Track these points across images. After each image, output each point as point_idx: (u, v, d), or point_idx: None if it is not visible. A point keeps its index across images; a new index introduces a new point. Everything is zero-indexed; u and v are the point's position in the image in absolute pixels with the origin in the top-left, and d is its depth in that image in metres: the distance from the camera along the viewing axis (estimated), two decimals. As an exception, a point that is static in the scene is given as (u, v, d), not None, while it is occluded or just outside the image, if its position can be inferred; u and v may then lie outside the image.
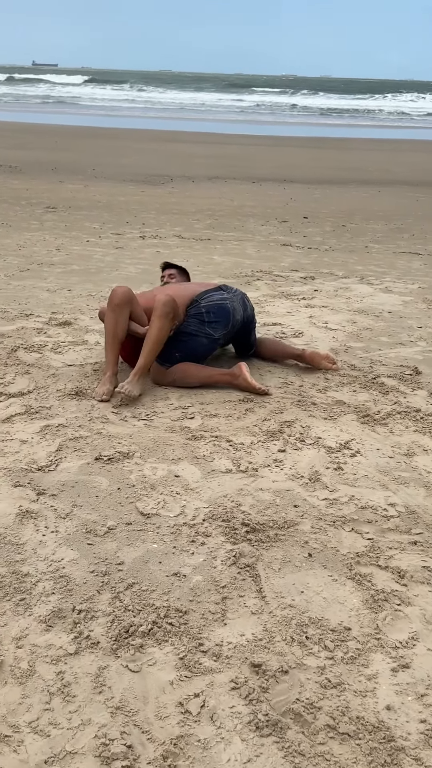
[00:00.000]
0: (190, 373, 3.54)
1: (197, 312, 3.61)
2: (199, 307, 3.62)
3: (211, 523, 2.35)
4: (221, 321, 3.59)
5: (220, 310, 3.60)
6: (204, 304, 3.61)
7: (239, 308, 3.69)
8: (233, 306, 3.65)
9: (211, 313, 3.58)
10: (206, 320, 3.58)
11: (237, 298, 3.72)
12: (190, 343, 3.56)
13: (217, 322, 3.59)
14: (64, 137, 19.48)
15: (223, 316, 3.59)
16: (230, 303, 3.64)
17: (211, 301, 3.63)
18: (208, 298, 3.65)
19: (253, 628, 1.88)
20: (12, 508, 2.39)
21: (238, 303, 3.70)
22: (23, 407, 3.22)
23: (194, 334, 3.57)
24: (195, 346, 3.58)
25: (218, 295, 3.68)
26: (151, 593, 1.99)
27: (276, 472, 2.71)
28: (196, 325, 3.59)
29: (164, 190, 11.40)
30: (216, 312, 3.59)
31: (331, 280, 5.99)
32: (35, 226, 7.94)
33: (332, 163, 16.21)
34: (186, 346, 3.55)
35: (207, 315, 3.58)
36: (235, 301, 3.68)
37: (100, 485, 2.58)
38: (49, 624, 1.87)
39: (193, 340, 3.57)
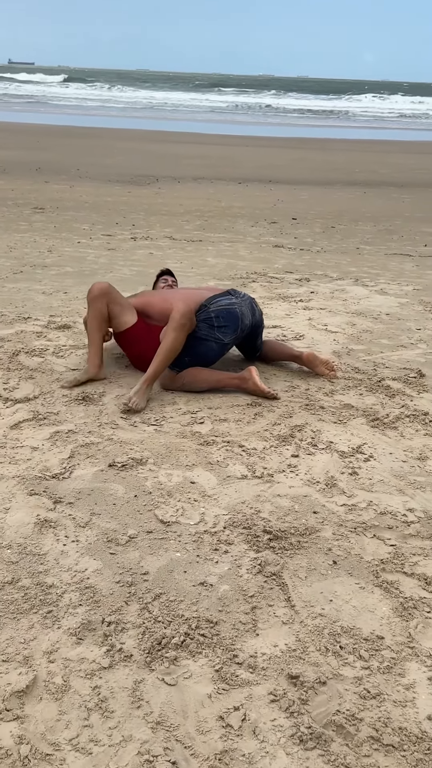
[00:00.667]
0: (199, 378, 3.55)
1: (207, 317, 3.60)
2: (208, 312, 3.61)
3: (233, 530, 2.33)
4: (230, 326, 3.59)
5: (229, 314, 3.59)
6: (213, 309, 3.60)
7: (247, 313, 3.69)
8: (241, 311, 3.65)
9: (220, 317, 3.58)
10: (216, 325, 3.58)
11: (245, 303, 3.72)
12: (200, 348, 3.56)
13: (226, 327, 3.58)
14: (45, 137, 19.31)
15: (232, 320, 3.59)
16: (239, 308, 3.64)
17: (220, 306, 3.62)
18: (217, 303, 3.65)
19: (285, 638, 1.87)
20: (30, 518, 2.35)
21: (246, 308, 3.70)
22: (30, 413, 3.17)
23: (204, 338, 3.56)
24: (205, 351, 3.58)
25: (227, 300, 3.67)
26: (179, 604, 1.97)
27: (292, 478, 2.70)
28: (206, 330, 3.58)
29: (151, 191, 11.35)
30: (225, 317, 3.58)
31: (326, 281, 6.00)
32: (24, 227, 7.85)
33: (317, 163, 16.26)
34: (196, 351, 3.55)
35: (216, 320, 3.58)
36: (243, 306, 3.68)
37: (116, 492, 2.55)
38: (79, 637, 1.84)
39: (203, 345, 3.56)
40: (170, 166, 14.56)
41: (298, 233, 8.40)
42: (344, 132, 27.54)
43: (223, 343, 3.60)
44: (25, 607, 1.94)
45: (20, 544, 2.21)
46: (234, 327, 3.60)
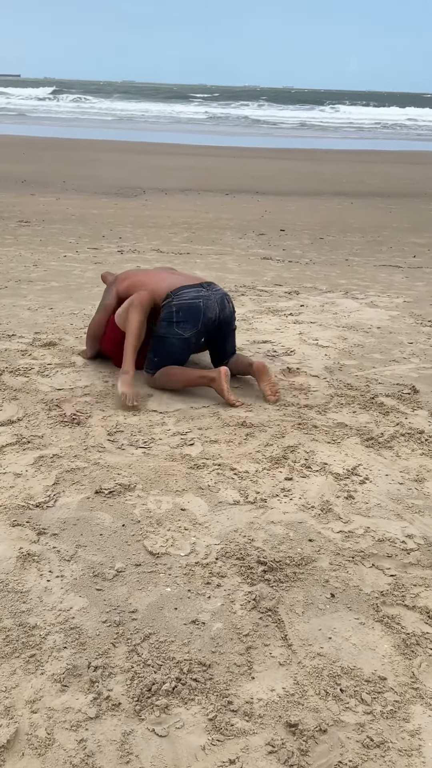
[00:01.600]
0: (172, 378, 3.63)
1: (168, 312, 3.63)
2: (170, 306, 3.63)
3: (225, 561, 2.23)
4: (189, 321, 3.60)
5: (190, 309, 3.60)
6: (175, 303, 3.61)
7: (214, 307, 3.65)
8: (206, 304, 3.62)
9: (180, 312, 3.60)
10: (175, 320, 3.61)
11: (215, 297, 3.68)
12: (163, 346, 3.64)
13: (185, 322, 3.60)
14: (31, 149, 19.21)
15: (191, 315, 3.60)
16: (203, 301, 3.62)
17: (183, 299, 3.62)
18: (182, 295, 3.64)
19: (283, 681, 1.77)
20: (12, 551, 2.24)
21: (214, 302, 3.66)
22: (14, 436, 3.06)
23: (165, 336, 3.64)
24: (169, 349, 3.64)
25: (193, 292, 3.65)
26: (170, 645, 1.86)
27: (285, 503, 2.61)
28: (166, 328, 3.64)
29: (138, 203, 11.28)
30: (185, 311, 3.60)
31: (315, 294, 5.93)
32: (9, 240, 7.74)
33: (303, 174, 16.26)
34: (161, 349, 3.64)
35: (176, 314, 3.61)
36: (210, 299, 3.64)
37: (103, 522, 2.44)
38: (64, 684, 1.73)
39: (164, 342, 3.64)
40: (157, 177, 14.50)
41: (287, 245, 8.35)
42: (331, 142, 27.67)
43: (183, 338, 3.61)
44: (6, 651, 1.82)
45: (1, 581, 2.09)
46: (194, 322, 3.59)
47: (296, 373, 3.99)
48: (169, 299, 3.64)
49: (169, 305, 3.63)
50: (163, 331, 3.64)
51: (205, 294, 3.64)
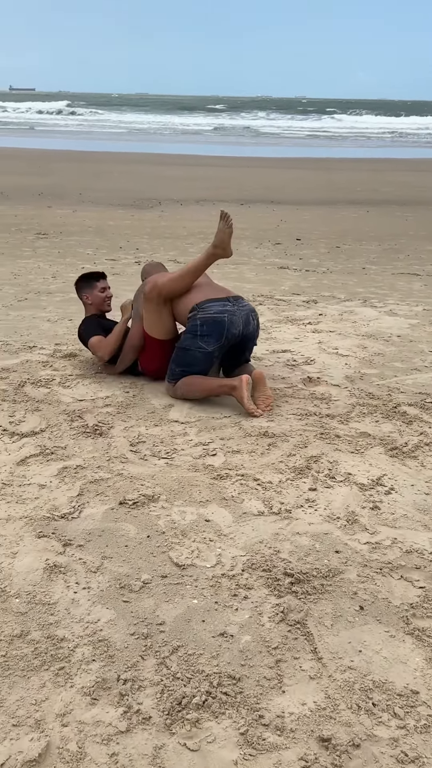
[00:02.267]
0: (193, 387, 3.64)
1: (193, 324, 3.65)
2: (195, 319, 3.65)
3: (251, 573, 2.21)
4: (213, 335, 3.60)
5: (214, 324, 3.60)
6: (200, 316, 3.63)
7: (238, 323, 3.64)
8: (231, 320, 3.61)
9: (204, 326, 3.61)
10: (199, 333, 3.62)
11: (241, 313, 3.67)
12: (186, 358, 3.65)
13: (209, 336, 3.60)
14: (47, 162, 19.42)
15: (215, 330, 3.59)
16: (228, 316, 3.61)
17: (208, 313, 3.62)
18: (207, 308, 3.64)
19: (314, 695, 1.75)
20: (39, 563, 2.24)
21: (240, 317, 3.66)
22: (38, 447, 3.08)
23: (188, 348, 3.65)
24: (191, 361, 3.65)
25: (218, 306, 3.65)
26: (198, 657, 1.85)
27: (310, 514, 2.59)
28: (190, 340, 3.65)
29: (154, 214, 11.35)
30: (210, 325, 3.60)
31: (334, 303, 5.92)
32: (28, 253, 7.81)
33: (318, 183, 16.29)
34: (183, 361, 3.66)
35: (200, 328, 3.62)
36: (235, 315, 3.64)
37: (128, 533, 2.44)
38: (94, 697, 1.72)
39: (188, 355, 3.65)
40: (172, 188, 14.59)
41: (303, 254, 8.35)
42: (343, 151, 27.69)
43: (206, 351, 3.62)
44: (35, 664, 1.82)
45: (29, 593, 2.10)
46: (218, 336, 3.59)
47: (317, 383, 3.97)
48: (195, 312, 3.65)
49: (194, 318, 3.64)
50: (187, 343, 3.65)
51: (230, 309, 3.62)
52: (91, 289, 4.12)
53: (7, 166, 17.75)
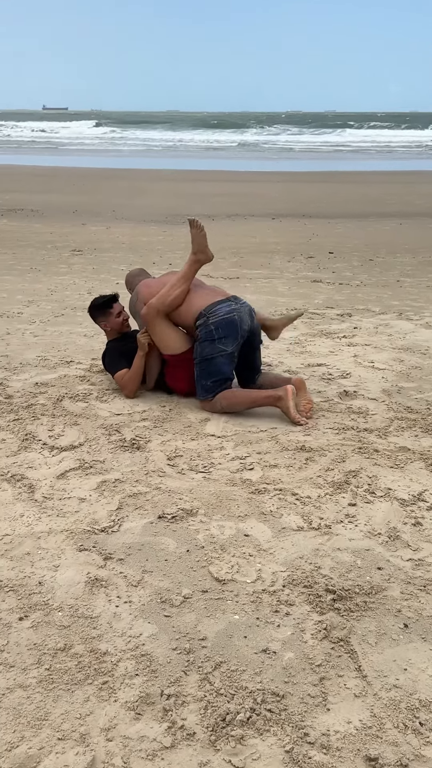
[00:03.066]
0: (235, 401, 3.67)
1: (207, 331, 3.68)
2: (207, 325, 3.68)
3: (292, 589, 2.20)
4: (230, 335, 3.67)
5: (229, 324, 3.66)
6: (212, 321, 3.67)
7: (246, 318, 3.74)
8: (240, 317, 3.70)
9: (219, 329, 3.66)
10: (216, 337, 3.67)
11: (244, 309, 3.76)
12: (211, 367, 3.68)
13: (227, 337, 3.67)
14: (81, 180, 19.75)
15: (231, 329, 3.66)
16: (237, 314, 3.69)
17: (219, 315, 3.68)
18: (216, 312, 3.69)
19: (359, 713, 1.72)
20: (80, 576, 2.26)
21: (246, 314, 3.75)
22: (77, 461, 3.11)
23: (211, 356, 3.68)
24: (217, 368, 3.68)
25: (225, 307, 3.71)
26: (241, 674, 1.84)
27: (351, 529, 2.56)
28: (209, 347, 3.68)
29: (185, 229, 11.38)
30: (225, 327, 3.66)
31: (369, 316, 5.88)
32: (64, 269, 7.94)
33: (349, 196, 16.26)
34: (210, 371, 3.67)
35: (216, 332, 3.66)
36: (241, 312, 3.72)
37: (167, 547, 2.44)
38: (138, 712, 1.72)
39: (212, 363, 3.68)
40: (203, 204, 14.70)
41: (336, 267, 8.33)
42: (374, 164, 27.61)
43: (228, 353, 3.68)
44: (79, 677, 1.83)
45: (71, 606, 2.11)
46: (234, 335, 3.67)
47: (353, 396, 3.95)
48: (204, 318, 3.68)
49: (206, 324, 3.67)
50: (207, 351, 3.68)
51: (235, 307, 3.71)
52: (107, 317, 4.12)
53: (42, 184, 18.11)
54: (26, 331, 5.27)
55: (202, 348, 3.70)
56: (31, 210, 13.26)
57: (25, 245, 9.50)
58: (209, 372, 3.70)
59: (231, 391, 3.69)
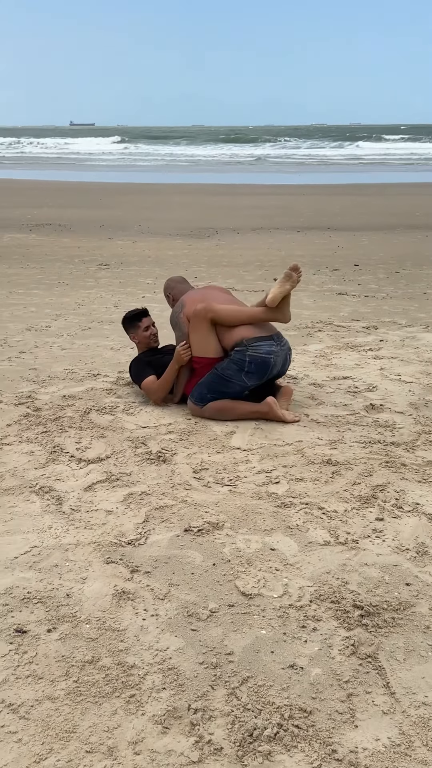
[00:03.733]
0: (225, 412, 3.75)
1: (240, 359, 3.70)
2: (243, 355, 3.71)
3: (319, 605, 2.19)
4: (258, 374, 3.72)
5: (263, 364, 3.71)
6: (250, 354, 3.69)
7: (279, 363, 3.81)
8: (275, 361, 3.75)
9: (252, 364, 3.69)
10: (246, 370, 3.71)
11: (282, 353, 3.81)
12: (222, 387, 3.74)
13: (254, 374, 3.72)
14: (106, 194, 20.01)
15: (262, 370, 3.72)
16: (274, 358, 3.74)
17: (258, 352, 3.70)
18: (258, 347, 3.71)
19: (387, 731, 1.70)
20: (108, 588, 2.27)
21: (281, 358, 3.81)
22: (104, 474, 3.14)
23: (229, 379, 3.73)
24: (226, 390, 3.75)
25: (267, 346, 3.73)
26: (268, 689, 1.83)
27: (378, 544, 2.54)
28: (234, 372, 3.72)
29: (211, 243, 11.51)
30: (258, 365, 3.70)
31: (395, 329, 5.85)
32: (91, 283, 8.04)
33: (375, 208, 16.23)
34: (218, 388, 3.74)
35: (248, 365, 3.70)
36: (279, 356, 3.77)
37: (194, 561, 2.45)
38: (165, 725, 1.72)
39: (226, 384, 3.73)
40: (228, 217, 14.79)
41: (362, 280, 8.30)
42: (400, 176, 27.53)
43: (246, 386, 3.75)
44: (107, 690, 1.84)
45: (99, 618, 2.13)
46: (261, 375, 3.73)
47: (380, 410, 3.93)
48: (244, 347, 3.70)
49: (243, 353, 3.70)
50: (230, 373, 3.72)
51: (275, 350, 3.74)
52: (136, 330, 4.27)
53: (69, 199, 18.37)
54: (54, 345, 5.34)
55: (227, 366, 3.74)
56: (59, 225, 13.46)
57: (53, 259, 9.64)
58: (217, 389, 3.76)
59: (221, 402, 3.76)
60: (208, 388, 3.76)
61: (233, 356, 3.73)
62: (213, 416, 3.78)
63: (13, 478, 3.10)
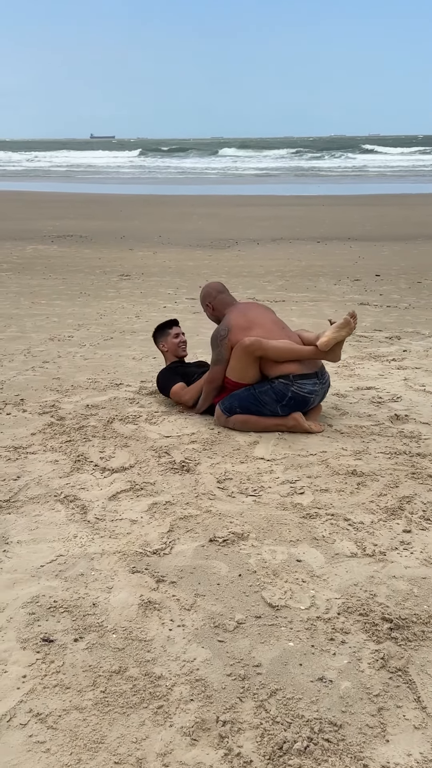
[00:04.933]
0: (249, 425, 3.74)
1: (281, 391, 3.68)
2: (287, 389, 3.68)
3: (348, 617, 2.16)
4: (294, 408, 3.71)
5: (302, 402, 3.72)
6: (293, 389, 3.67)
7: (318, 400, 3.82)
8: (314, 400, 3.76)
9: (293, 400, 3.68)
10: (284, 403, 3.70)
11: (322, 392, 3.81)
12: (254, 408, 3.72)
13: (290, 408, 3.71)
14: (127, 206, 20.18)
15: (299, 406, 3.72)
16: (314, 397, 3.75)
17: (302, 390, 3.69)
18: (302, 385, 3.70)
19: (419, 745, 1.67)
20: (134, 598, 2.26)
21: (320, 396, 3.81)
22: (128, 483, 3.14)
23: (264, 403, 3.71)
24: (257, 411, 3.73)
25: (310, 385, 3.71)
26: (297, 702, 1.81)
27: (406, 557, 2.51)
28: (271, 400, 3.70)
29: (231, 254, 11.54)
30: (297, 402, 3.70)
31: (418, 339, 5.81)
32: (112, 294, 8.09)
33: (395, 219, 16.18)
34: (249, 407, 3.72)
35: (288, 401, 3.69)
36: (318, 395, 3.78)
37: (219, 571, 2.43)
38: (194, 737, 1.71)
39: (258, 408, 3.72)
40: (248, 228, 14.82)
41: (383, 290, 8.27)
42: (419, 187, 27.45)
43: (278, 415, 3.74)
44: (134, 701, 1.83)
45: (125, 628, 2.12)
46: (297, 410, 3.72)
47: (404, 420, 3.89)
48: (289, 382, 3.67)
49: (287, 388, 3.67)
50: (266, 399, 3.69)
51: (317, 390, 3.73)
52: (165, 337, 4.34)
53: (91, 211, 18.54)
54: (77, 354, 5.38)
55: (266, 392, 3.69)
56: (80, 236, 13.58)
57: (74, 270, 9.73)
58: (248, 407, 3.73)
59: (245, 416, 3.75)
60: (240, 404, 3.73)
61: (276, 385, 3.68)
62: (237, 427, 3.77)
63: (38, 486, 3.11)
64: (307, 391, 3.68)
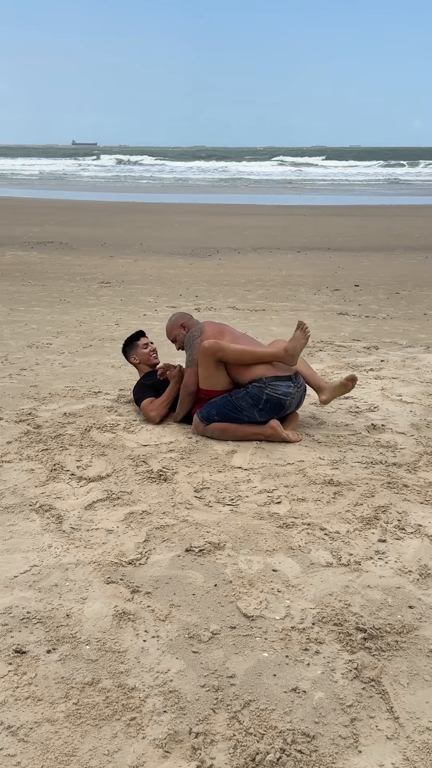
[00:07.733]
0: (227, 433, 3.75)
1: (257, 394, 3.70)
2: (261, 392, 3.70)
3: (322, 627, 2.17)
4: (271, 412, 3.74)
5: (278, 404, 3.73)
6: (267, 392, 3.70)
7: (294, 404, 3.82)
8: (290, 403, 3.78)
9: (268, 403, 3.70)
10: (260, 407, 3.72)
11: (298, 395, 3.82)
12: (231, 414, 3.74)
13: (267, 412, 3.73)
14: (109, 213, 20.15)
15: (276, 409, 3.74)
16: (290, 400, 3.76)
17: (276, 392, 3.71)
18: (276, 387, 3.71)
19: (391, 756, 1.68)
20: (108, 609, 2.25)
21: (296, 399, 3.82)
22: (104, 492, 3.12)
23: (241, 409, 3.73)
24: (235, 419, 3.75)
25: (285, 387, 3.73)
26: (271, 713, 1.81)
27: (381, 566, 2.53)
28: (248, 406, 3.72)
29: (212, 262, 11.57)
30: (273, 405, 3.71)
31: (395, 349, 5.87)
32: (92, 301, 8.06)
33: (376, 230, 16.34)
34: (227, 414, 3.74)
35: (264, 404, 3.70)
36: (294, 398, 3.79)
37: (195, 581, 2.43)
38: (166, 749, 1.70)
39: (235, 414, 3.74)
40: (229, 237, 14.88)
41: (362, 300, 8.34)
42: (402, 199, 27.77)
43: (256, 420, 3.76)
44: (107, 713, 1.82)
45: (99, 639, 2.10)
46: (274, 414, 3.75)
47: (381, 430, 3.92)
48: (262, 385, 3.69)
49: (261, 390, 3.69)
50: (243, 404, 3.71)
51: (292, 392, 3.75)
52: (135, 349, 4.37)
53: (72, 217, 18.49)
54: (55, 362, 5.35)
55: (242, 397, 3.71)
56: (60, 243, 13.53)
57: (54, 277, 9.69)
58: (226, 414, 3.74)
59: (223, 424, 3.76)
60: (218, 411, 3.75)
61: (251, 390, 3.71)
62: (215, 436, 3.77)
63: (13, 495, 3.08)
64: (282, 392, 3.69)
